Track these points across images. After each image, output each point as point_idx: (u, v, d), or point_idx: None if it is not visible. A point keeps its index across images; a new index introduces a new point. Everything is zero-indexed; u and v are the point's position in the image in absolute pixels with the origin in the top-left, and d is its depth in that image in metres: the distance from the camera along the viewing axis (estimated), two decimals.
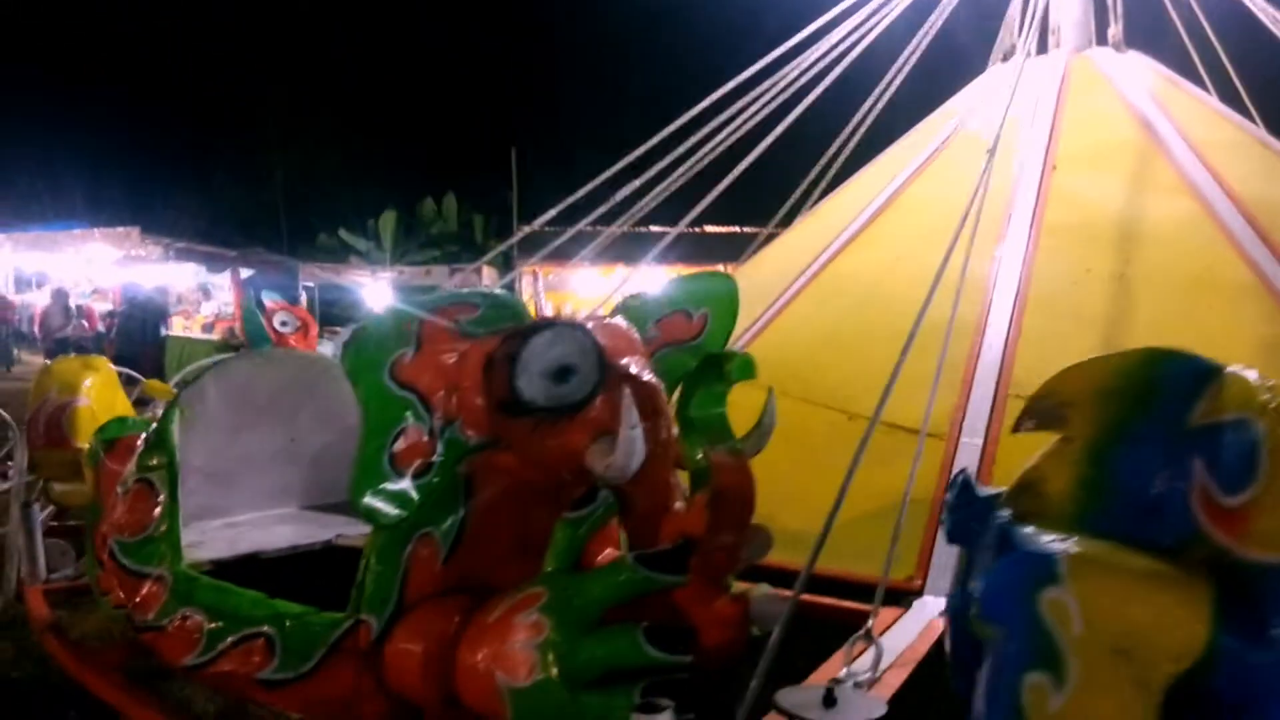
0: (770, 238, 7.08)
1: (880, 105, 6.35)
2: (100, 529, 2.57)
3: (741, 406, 2.06)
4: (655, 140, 6.51)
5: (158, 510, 2.38)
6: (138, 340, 15.32)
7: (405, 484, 1.92)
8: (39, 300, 20.34)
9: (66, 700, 3.88)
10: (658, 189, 6.94)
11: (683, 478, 1.99)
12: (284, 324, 5.41)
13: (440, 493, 1.94)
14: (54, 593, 3.40)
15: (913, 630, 2.77)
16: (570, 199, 7.13)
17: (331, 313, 17.22)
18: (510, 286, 17.07)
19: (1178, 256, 4.36)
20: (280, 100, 31.14)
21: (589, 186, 6.77)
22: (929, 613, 2.96)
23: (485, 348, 1.95)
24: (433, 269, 19.17)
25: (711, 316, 2.29)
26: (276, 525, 2.80)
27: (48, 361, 4.14)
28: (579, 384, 1.89)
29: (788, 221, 7.13)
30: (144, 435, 2.56)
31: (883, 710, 2.13)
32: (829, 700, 2.12)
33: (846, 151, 6.64)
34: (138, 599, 2.33)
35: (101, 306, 19.73)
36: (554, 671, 1.71)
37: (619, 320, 2.09)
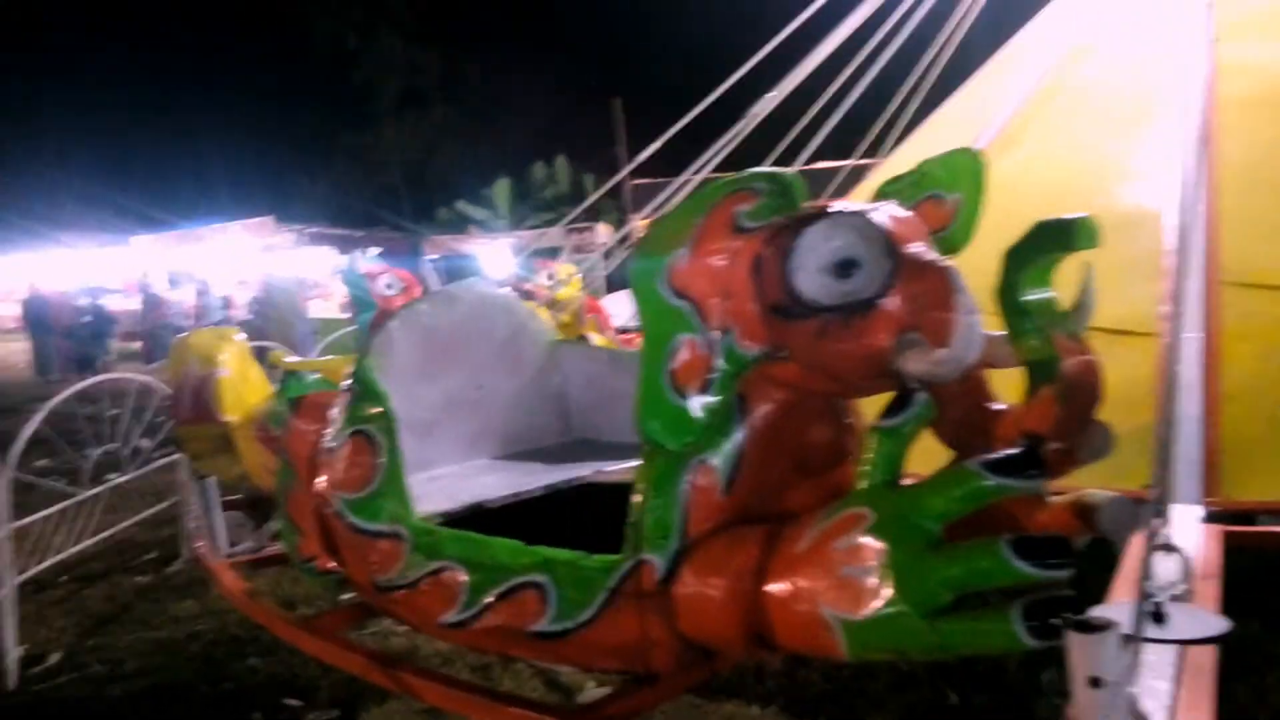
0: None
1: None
2: (296, 493, 2.32)
3: None
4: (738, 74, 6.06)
5: (380, 463, 2.09)
6: (274, 322, 15.50)
7: (685, 404, 1.61)
8: (188, 297, 20.88)
9: (246, 651, 4.01)
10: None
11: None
12: (389, 286, 5.21)
13: (717, 413, 1.62)
14: (239, 565, 3.22)
15: (1190, 540, 2.36)
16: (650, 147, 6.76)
17: (456, 281, 17.16)
18: (619, 242, 16.81)
19: None
20: (392, 84, 31.40)
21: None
22: (1188, 520, 2.55)
23: (754, 245, 1.61)
24: (548, 231, 18.95)
25: (964, 200, 1.88)
26: (481, 476, 2.50)
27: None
28: (867, 277, 1.54)
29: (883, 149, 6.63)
30: (342, 388, 2.27)
31: (1227, 626, 1.75)
32: (1158, 616, 1.75)
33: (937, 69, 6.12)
34: (373, 559, 2.06)
35: (244, 295, 20.13)
36: (902, 599, 1.38)
37: (894, 204, 1.71)
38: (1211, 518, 2.62)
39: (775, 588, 1.52)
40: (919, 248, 1.60)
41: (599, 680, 3.30)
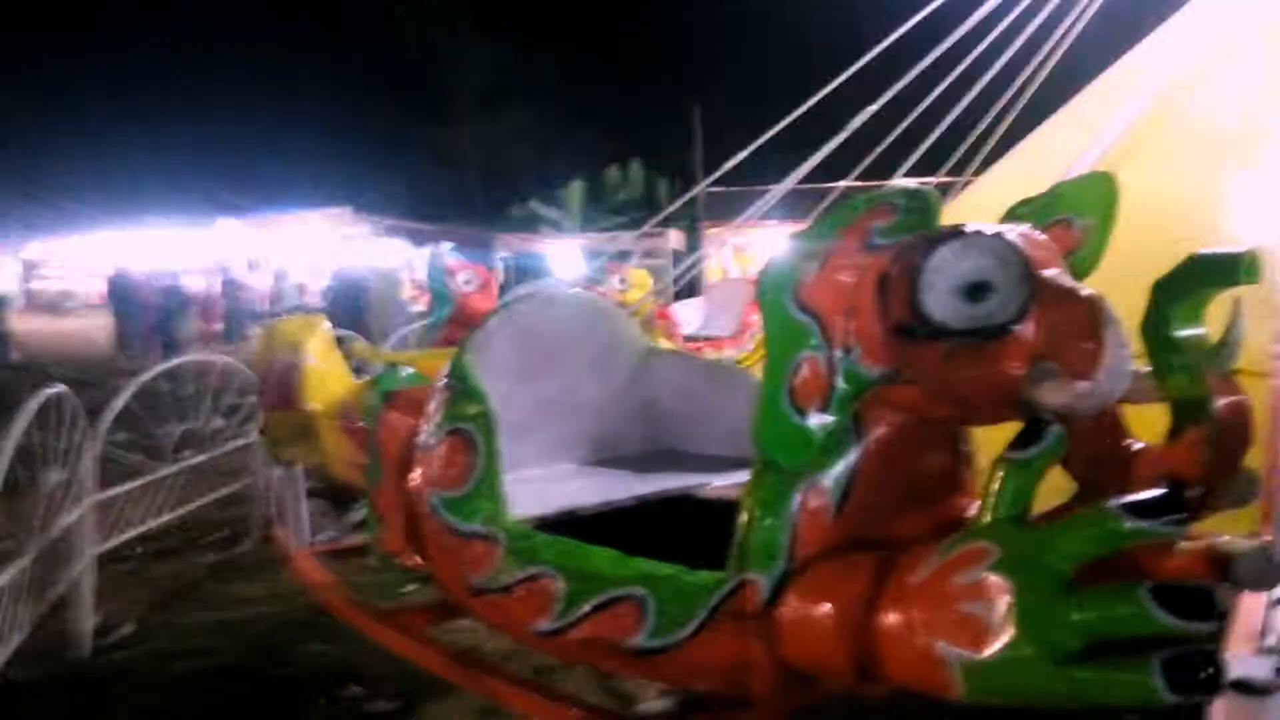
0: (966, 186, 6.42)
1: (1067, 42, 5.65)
2: (384, 487, 2.31)
3: None
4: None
5: (478, 463, 2.06)
6: (347, 310, 15.71)
7: (803, 422, 1.56)
8: (265, 281, 21.32)
9: (310, 637, 3.99)
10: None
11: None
12: (467, 282, 5.24)
13: (833, 434, 1.57)
14: (318, 554, 3.22)
15: None
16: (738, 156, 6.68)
17: (525, 280, 17.30)
18: (689, 248, 16.77)
19: None
20: (471, 83, 31.78)
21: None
22: None
23: (883, 262, 1.55)
24: (618, 235, 19.01)
25: (1095, 225, 1.79)
26: (570, 481, 2.46)
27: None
28: (1001, 302, 1.47)
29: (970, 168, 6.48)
30: (439, 385, 2.25)
31: None
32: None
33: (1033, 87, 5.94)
34: (466, 560, 2.03)
35: (320, 283, 20.52)
36: (1029, 641, 1.30)
37: (1028, 227, 1.64)
38: None
39: (888, 619, 1.46)
40: (1056, 273, 1.54)
41: (659, 689, 3.24)
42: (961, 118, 6.46)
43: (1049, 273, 1.52)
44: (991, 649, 1.33)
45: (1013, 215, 1.73)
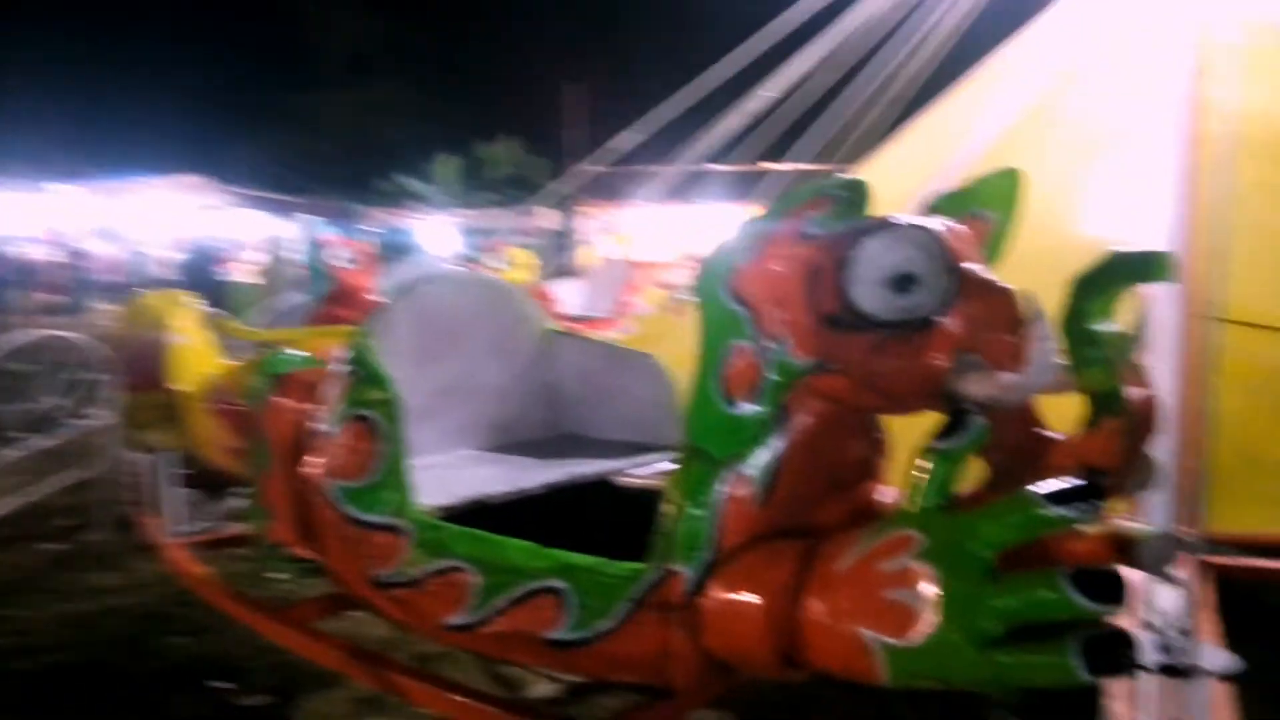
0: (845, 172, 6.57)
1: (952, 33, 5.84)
2: (271, 475, 2.19)
3: None
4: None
5: (382, 451, 1.97)
6: (204, 285, 14.95)
7: (735, 411, 1.55)
8: (108, 250, 20.08)
9: (172, 629, 3.83)
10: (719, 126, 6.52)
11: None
12: (343, 259, 5.04)
13: (761, 424, 1.57)
14: (192, 546, 3.04)
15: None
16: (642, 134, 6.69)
17: (395, 257, 16.82)
18: (566, 229, 16.67)
19: None
20: (339, 50, 30.61)
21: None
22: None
23: (812, 253, 1.55)
24: (492, 212, 18.71)
25: (999, 219, 1.84)
26: (472, 468, 2.38)
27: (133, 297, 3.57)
28: (927, 294, 1.49)
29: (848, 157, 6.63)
30: (336, 368, 2.14)
31: (1236, 660, 1.74)
32: (1166, 650, 1.73)
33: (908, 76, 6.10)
34: (369, 551, 1.94)
35: (170, 255, 19.46)
36: (954, 627, 1.32)
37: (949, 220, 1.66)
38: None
39: (813, 607, 1.46)
40: (978, 267, 1.57)
41: (548, 678, 3.21)
42: (843, 104, 6.58)
43: (971, 266, 1.55)
44: (916, 634, 1.35)
45: (931, 209, 1.75)
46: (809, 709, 2.97)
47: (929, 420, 1.57)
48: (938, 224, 1.58)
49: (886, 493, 1.77)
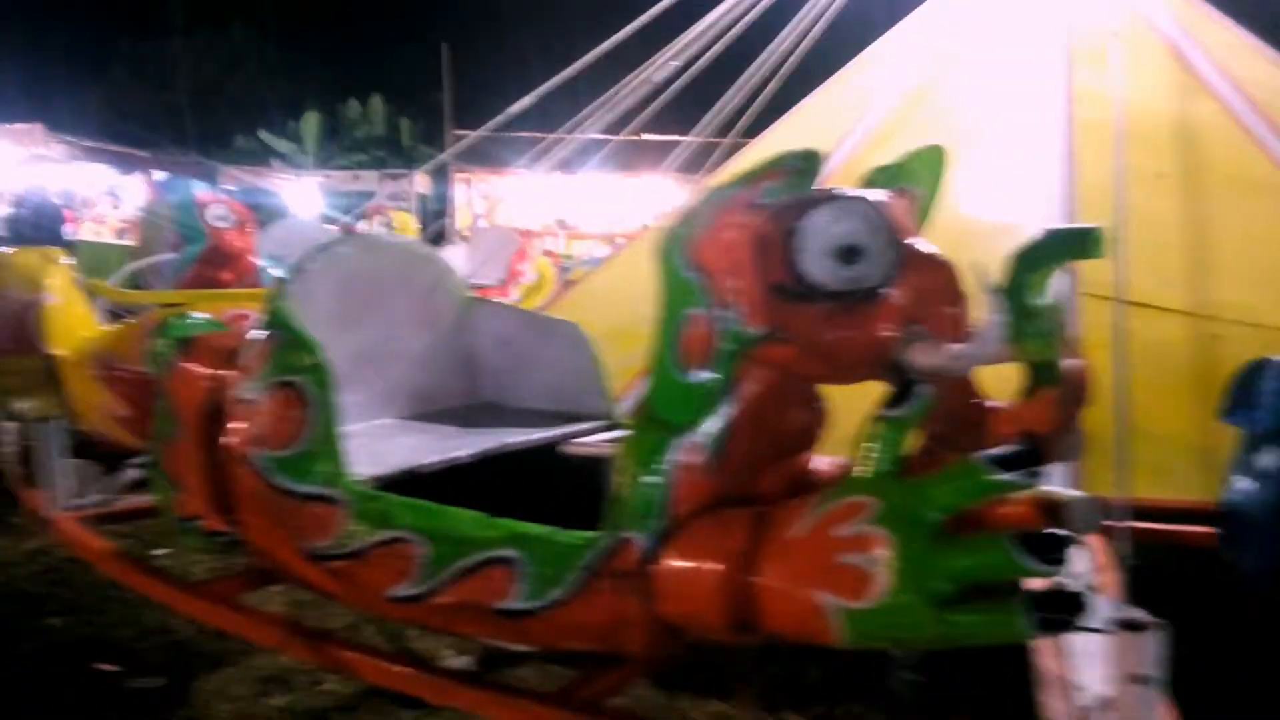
0: (735, 147, 6.67)
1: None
2: (178, 444, 2.10)
3: None
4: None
5: (312, 418, 1.91)
6: (39, 242, 13.95)
7: (690, 379, 1.58)
8: None
9: (44, 608, 3.66)
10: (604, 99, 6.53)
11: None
12: (220, 218, 4.83)
13: (712, 391, 1.60)
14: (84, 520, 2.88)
15: None
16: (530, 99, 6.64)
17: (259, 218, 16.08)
18: (443, 195, 16.29)
19: (1210, 157, 4.18)
20: None
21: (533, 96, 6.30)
22: None
23: (762, 222, 1.59)
24: (360, 173, 18.08)
25: (925, 194, 1.93)
26: (396, 437, 2.34)
27: None
28: (871, 265, 1.56)
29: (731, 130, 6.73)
30: (258, 332, 2.05)
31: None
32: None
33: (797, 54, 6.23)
34: (302, 523, 1.89)
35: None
36: (908, 589, 1.39)
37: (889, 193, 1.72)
38: None
39: (768, 572, 1.51)
40: (920, 240, 1.64)
41: (458, 647, 3.18)
42: (730, 77, 6.66)
43: (913, 239, 1.62)
44: (872, 597, 1.42)
45: (870, 183, 1.81)
46: (719, 673, 3.05)
47: (871, 391, 1.64)
48: (881, 196, 1.64)
49: (821, 461, 1.84)
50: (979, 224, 3.84)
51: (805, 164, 1.60)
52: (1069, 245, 1.61)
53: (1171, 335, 3.34)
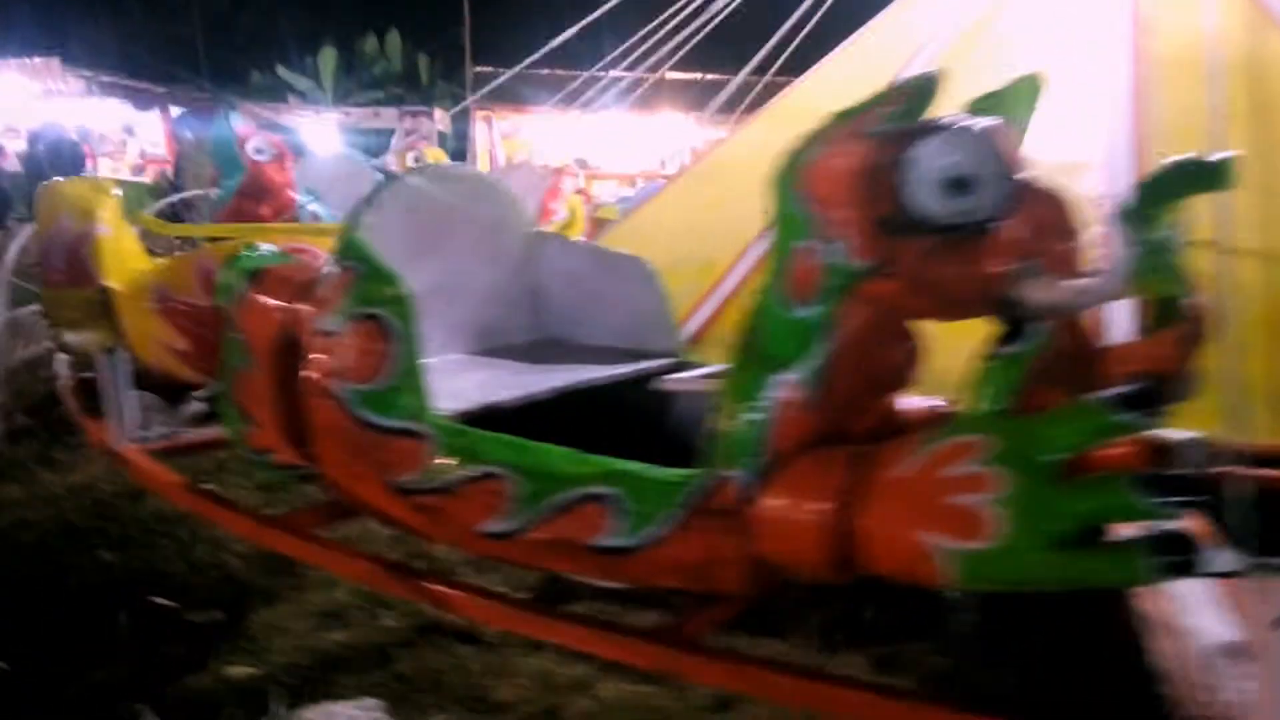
0: (772, 86, 6.52)
1: None
2: (250, 377, 2.08)
3: None
4: None
5: (396, 351, 1.88)
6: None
7: (798, 314, 1.54)
8: None
9: (93, 543, 3.64)
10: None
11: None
12: (259, 151, 4.77)
13: (814, 327, 1.56)
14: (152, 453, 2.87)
15: None
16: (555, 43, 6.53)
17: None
18: (463, 133, 16.10)
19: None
20: None
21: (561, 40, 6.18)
22: None
23: (870, 151, 1.53)
24: (381, 110, 17.86)
25: (1020, 126, 1.86)
26: (468, 372, 2.31)
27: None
28: (984, 198, 1.50)
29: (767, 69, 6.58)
30: (335, 263, 2.01)
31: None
32: None
33: None
34: (387, 458, 1.86)
35: (15, 146, 17.99)
36: (1027, 531, 1.37)
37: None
38: None
39: (874, 512, 1.49)
40: (1028, 170, 1.58)
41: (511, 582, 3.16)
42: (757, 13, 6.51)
43: (1027, 171, 1.56)
44: (986, 539, 1.39)
45: (971, 110, 1.75)
46: (771, 616, 3.05)
47: (962, 329, 1.59)
48: (995, 127, 1.58)
49: (910, 400, 1.81)
50: (1042, 164, 3.77)
51: (922, 90, 1.54)
52: (1197, 177, 1.55)
53: (1249, 278, 3.26)
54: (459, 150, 14.86)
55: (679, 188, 4.82)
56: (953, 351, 1.76)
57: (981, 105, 1.78)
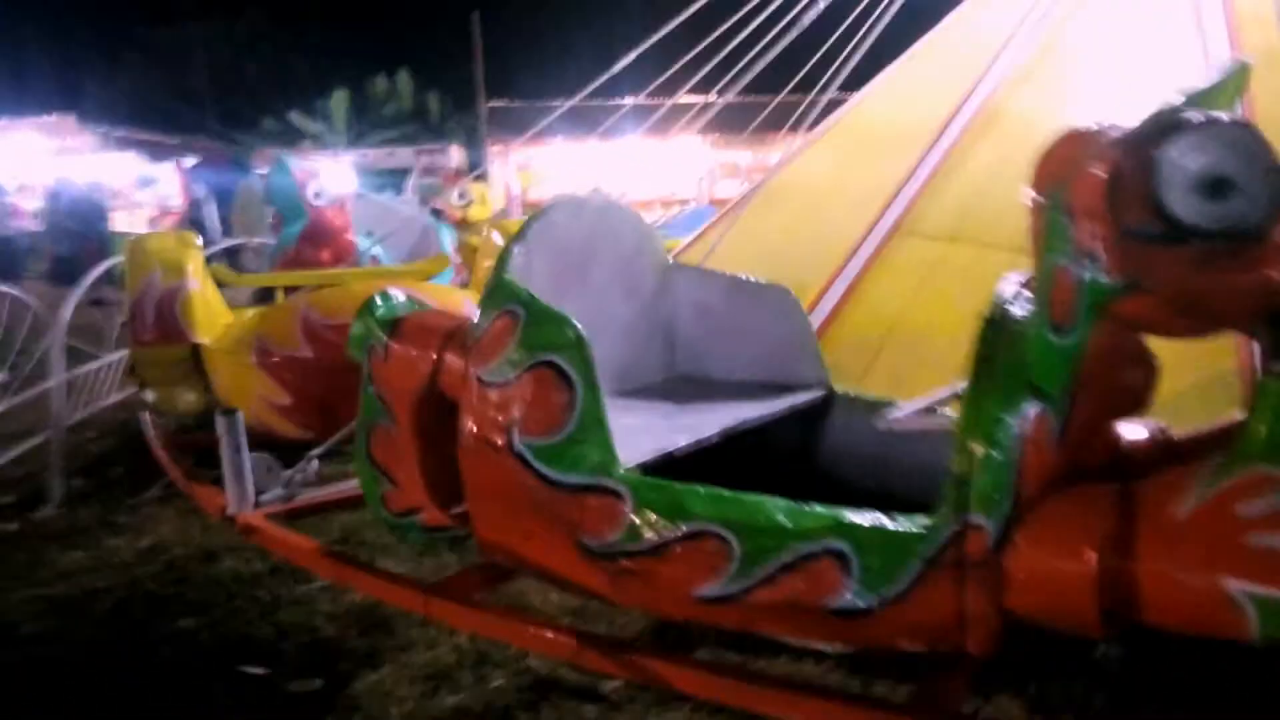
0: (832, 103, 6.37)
1: None
2: (389, 434, 1.94)
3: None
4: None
5: (575, 401, 1.74)
6: (77, 237, 13.83)
7: (1060, 339, 1.39)
8: None
9: (170, 610, 3.46)
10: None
11: None
12: (317, 195, 4.65)
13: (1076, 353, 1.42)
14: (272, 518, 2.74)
15: None
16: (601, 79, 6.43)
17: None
18: (480, 167, 16.07)
19: None
20: None
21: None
22: None
23: (1112, 155, 1.40)
24: (396, 150, 17.90)
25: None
26: (618, 417, 2.15)
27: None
28: (1248, 201, 1.36)
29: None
30: (495, 309, 1.87)
31: None
32: None
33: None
34: (578, 518, 1.72)
35: (31, 205, 18.03)
36: None
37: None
38: None
39: (1156, 558, 1.33)
40: None
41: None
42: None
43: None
44: None
45: (1210, 105, 1.61)
46: None
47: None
48: (1246, 121, 1.44)
49: (1127, 426, 1.65)
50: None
51: (1235, 77, 1.41)
52: None
53: None
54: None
55: (749, 212, 4.68)
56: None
57: (1197, 100, 1.65)
